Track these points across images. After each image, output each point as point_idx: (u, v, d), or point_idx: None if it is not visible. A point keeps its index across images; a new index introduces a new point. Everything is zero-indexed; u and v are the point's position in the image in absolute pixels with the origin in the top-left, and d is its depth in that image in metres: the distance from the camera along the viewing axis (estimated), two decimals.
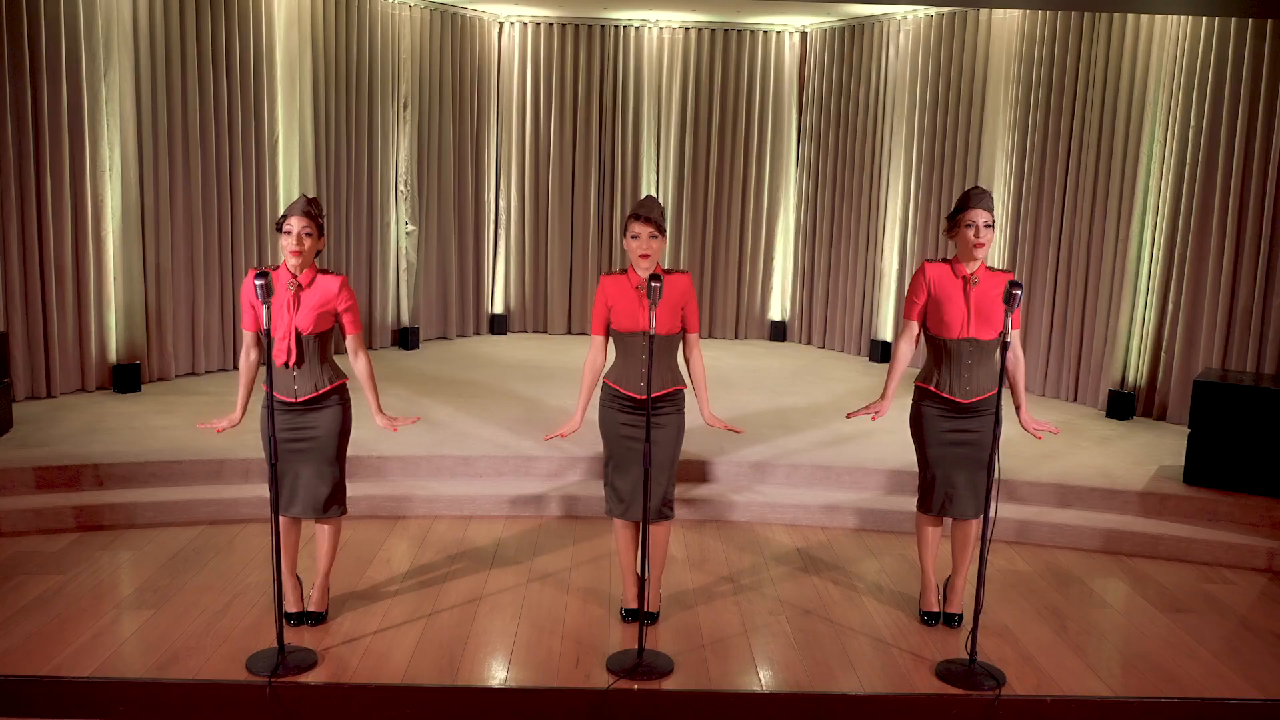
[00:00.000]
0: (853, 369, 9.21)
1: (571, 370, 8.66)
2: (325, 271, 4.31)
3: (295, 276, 4.24)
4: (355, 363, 4.41)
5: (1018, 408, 4.60)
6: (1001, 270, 4.51)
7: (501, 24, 10.06)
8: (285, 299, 4.22)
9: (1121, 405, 7.56)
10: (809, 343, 10.32)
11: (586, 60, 10.13)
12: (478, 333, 10.35)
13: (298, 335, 4.24)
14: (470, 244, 10.10)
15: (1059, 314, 8.04)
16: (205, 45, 7.75)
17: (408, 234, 9.50)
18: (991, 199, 4.40)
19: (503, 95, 10.20)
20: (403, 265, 9.53)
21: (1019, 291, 4.06)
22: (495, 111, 10.19)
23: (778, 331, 10.52)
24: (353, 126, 8.95)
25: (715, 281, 10.46)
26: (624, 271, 4.47)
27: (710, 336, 10.49)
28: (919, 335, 4.60)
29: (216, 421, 4.41)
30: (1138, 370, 7.64)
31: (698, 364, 4.56)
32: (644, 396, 4.39)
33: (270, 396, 4.23)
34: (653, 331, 4.14)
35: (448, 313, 10.00)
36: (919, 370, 4.68)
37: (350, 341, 4.38)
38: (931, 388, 4.54)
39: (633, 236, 4.34)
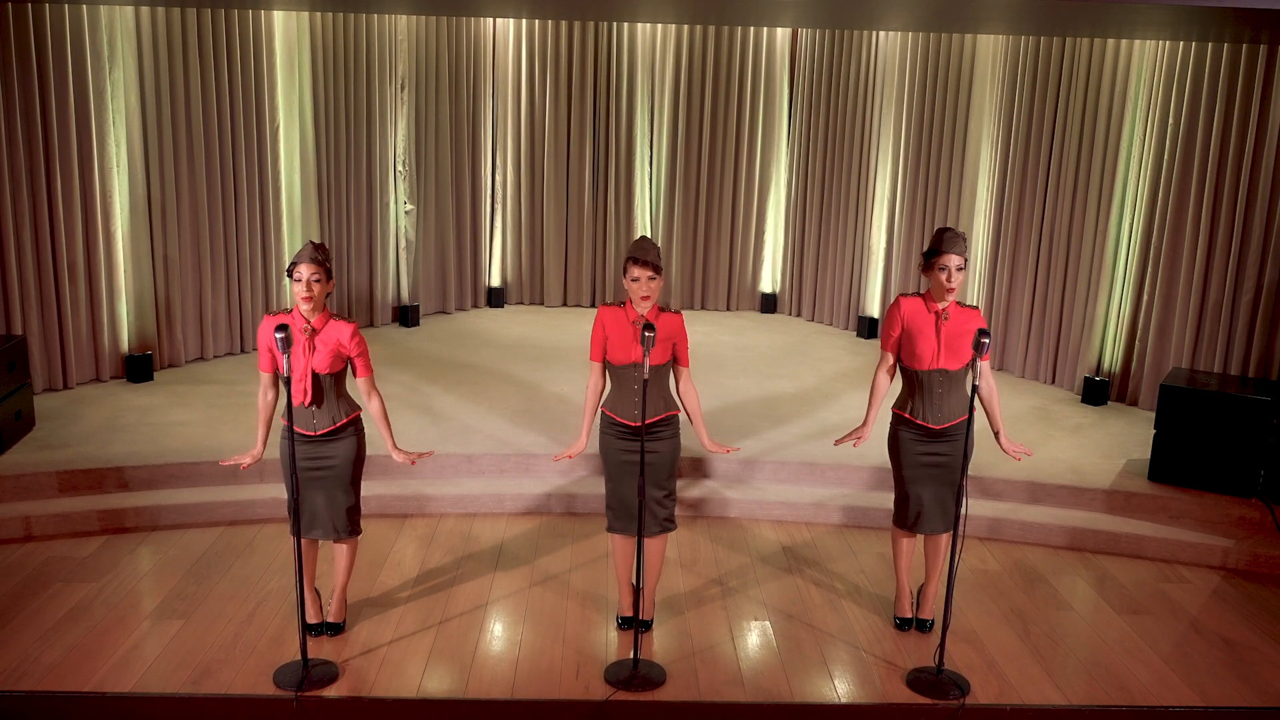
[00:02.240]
0: (841, 346, 9.50)
1: (568, 349, 8.96)
2: (337, 317, 4.58)
3: (309, 322, 4.51)
4: (369, 404, 4.70)
5: (996, 433, 4.91)
6: (971, 306, 4.79)
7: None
8: (300, 343, 4.49)
9: (1096, 391, 7.89)
10: (799, 315, 10.60)
11: (581, 36, 10.23)
12: (476, 306, 10.61)
13: (314, 376, 4.53)
14: (468, 220, 10.30)
15: (1039, 300, 8.32)
16: (206, 37, 7.90)
17: (406, 213, 9.71)
18: (965, 242, 4.68)
19: (498, 72, 10.32)
20: (402, 244, 9.76)
21: (987, 340, 4.36)
22: (491, 89, 10.32)
23: (768, 304, 10.79)
24: (351, 110, 9.11)
25: (708, 254, 10.70)
26: (621, 305, 4.74)
27: (702, 309, 10.77)
28: (895, 365, 4.90)
29: (240, 458, 4.72)
30: (1112, 358, 7.96)
31: (691, 396, 4.85)
32: (639, 424, 4.69)
33: (290, 429, 4.53)
34: (646, 377, 4.42)
35: (446, 288, 10.24)
36: (896, 398, 4.98)
37: (362, 384, 4.67)
38: (906, 415, 4.86)
39: (633, 279, 4.61)
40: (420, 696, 4.46)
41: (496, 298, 10.69)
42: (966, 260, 4.72)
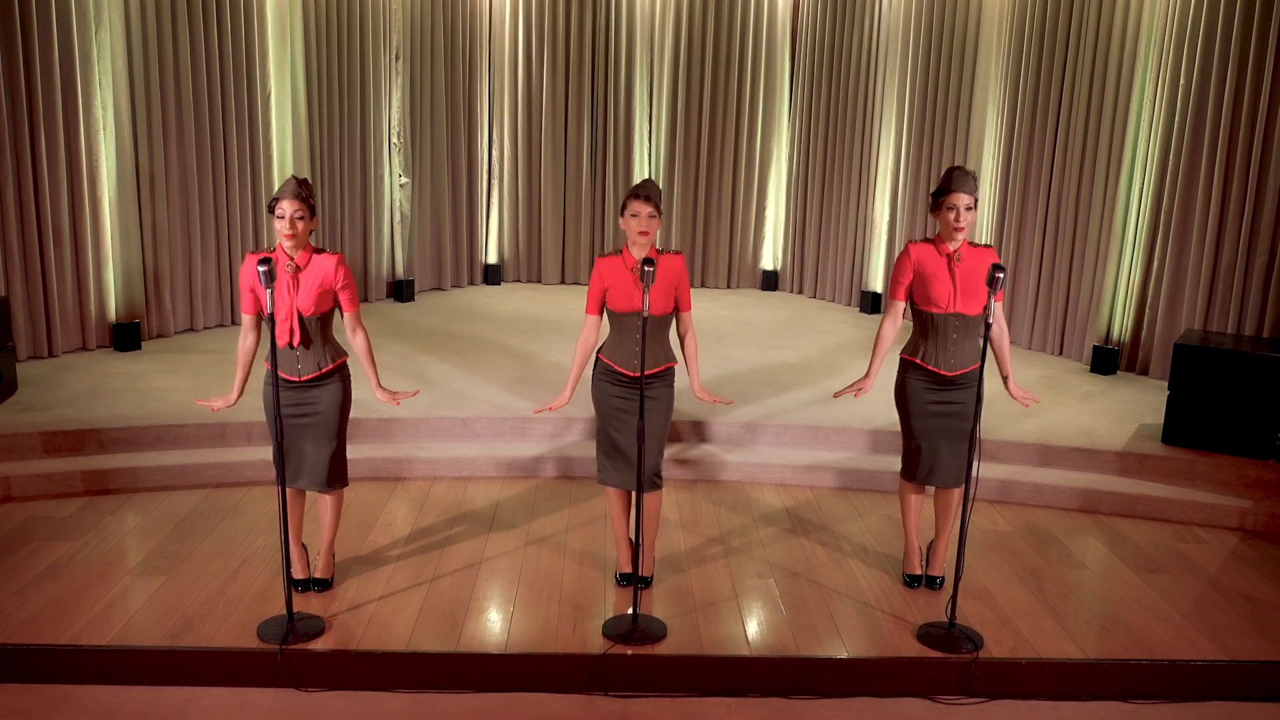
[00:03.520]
0: (843, 320, 9.33)
1: (565, 323, 8.78)
2: (321, 251, 4.40)
3: (292, 259, 4.33)
4: (353, 339, 4.52)
5: (1005, 377, 4.74)
6: (983, 246, 4.62)
7: None
8: (284, 281, 4.32)
9: (1105, 360, 7.71)
10: (800, 292, 10.43)
11: (579, 8, 10.07)
12: (472, 283, 10.44)
13: (300, 317, 4.35)
14: (464, 195, 10.13)
15: (1046, 269, 8.15)
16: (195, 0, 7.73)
17: (401, 186, 9.54)
18: (974, 180, 4.50)
19: (495, 44, 10.16)
20: (397, 218, 9.58)
21: (1001, 275, 4.18)
22: (487, 61, 10.16)
23: (769, 281, 10.62)
24: (345, 79, 8.93)
25: (708, 231, 10.53)
26: (618, 253, 4.57)
27: (702, 286, 10.59)
28: (903, 314, 4.72)
29: (213, 400, 4.53)
30: (1122, 326, 7.78)
31: (691, 341, 4.68)
32: (637, 374, 4.52)
33: (274, 374, 4.35)
34: (646, 314, 4.25)
35: (442, 264, 10.07)
36: (904, 344, 4.80)
37: (348, 319, 4.49)
38: (917, 360, 4.67)
39: (632, 215, 4.44)
40: (410, 650, 4.27)
41: (493, 275, 10.52)
42: (976, 200, 4.54)
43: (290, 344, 4.37)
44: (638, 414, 4.47)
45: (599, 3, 10.07)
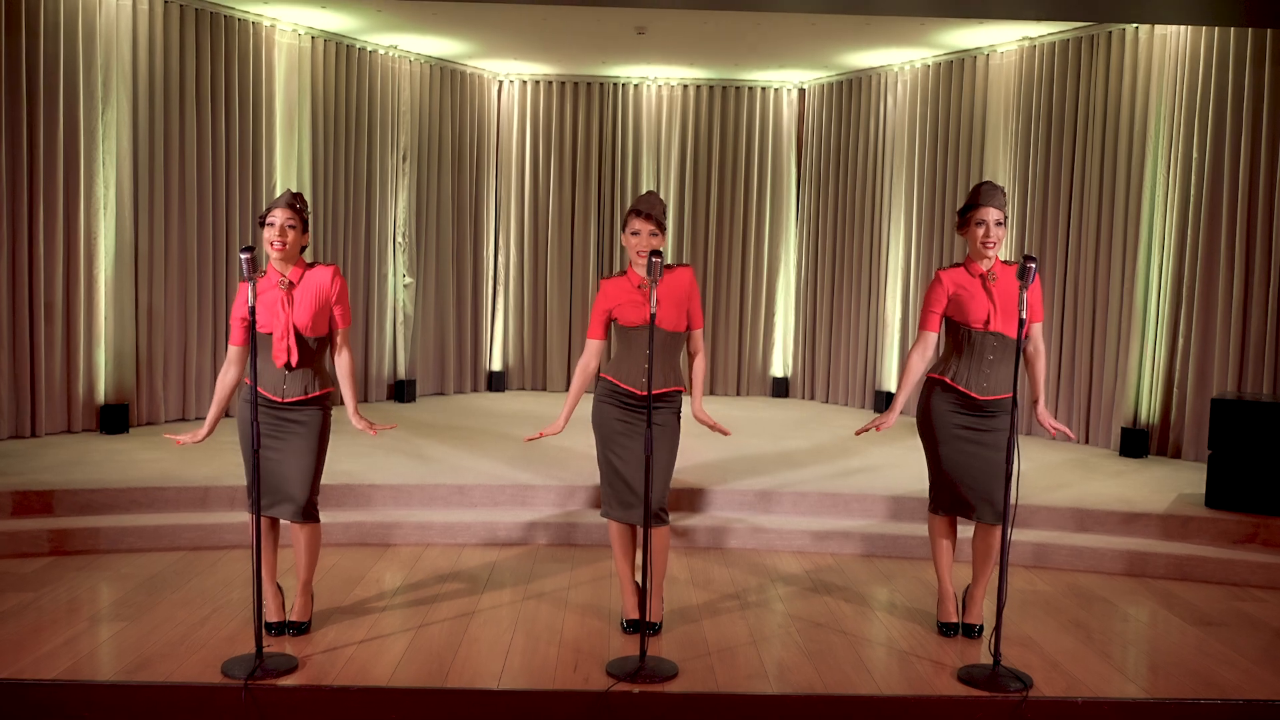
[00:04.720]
0: (857, 419, 9.00)
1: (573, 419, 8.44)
2: (314, 265, 4.18)
3: (284, 275, 4.10)
4: (338, 357, 4.25)
5: (1035, 401, 4.41)
6: (1016, 262, 4.37)
7: (501, 82, 10.13)
8: (278, 298, 4.08)
9: (1135, 443, 7.35)
10: (811, 398, 10.15)
11: (585, 118, 10.17)
12: (475, 389, 10.18)
13: (298, 335, 4.09)
14: (469, 299, 10.00)
15: (1067, 354, 7.89)
16: (204, 89, 7.76)
17: (405, 287, 9.41)
18: (1003, 195, 4.28)
19: (502, 151, 10.22)
20: (400, 318, 9.41)
21: (1033, 265, 3.91)
22: (495, 167, 10.20)
23: (780, 388, 10.35)
24: (351, 177, 8.91)
25: (716, 338, 10.33)
26: (623, 273, 4.36)
27: (711, 394, 10.31)
28: (934, 350, 4.44)
29: (181, 434, 4.23)
30: (1150, 407, 7.46)
31: (700, 363, 4.43)
32: (644, 392, 4.23)
33: (253, 390, 4.05)
34: (654, 309, 3.98)
35: (445, 368, 9.84)
36: (935, 365, 4.49)
37: (338, 335, 4.22)
38: (947, 379, 4.36)
39: (633, 233, 4.25)
40: (390, 686, 3.82)
41: (497, 381, 10.27)
42: (1007, 215, 4.32)
43: (288, 364, 4.10)
44: (641, 439, 4.15)
45: (606, 108, 10.18)
